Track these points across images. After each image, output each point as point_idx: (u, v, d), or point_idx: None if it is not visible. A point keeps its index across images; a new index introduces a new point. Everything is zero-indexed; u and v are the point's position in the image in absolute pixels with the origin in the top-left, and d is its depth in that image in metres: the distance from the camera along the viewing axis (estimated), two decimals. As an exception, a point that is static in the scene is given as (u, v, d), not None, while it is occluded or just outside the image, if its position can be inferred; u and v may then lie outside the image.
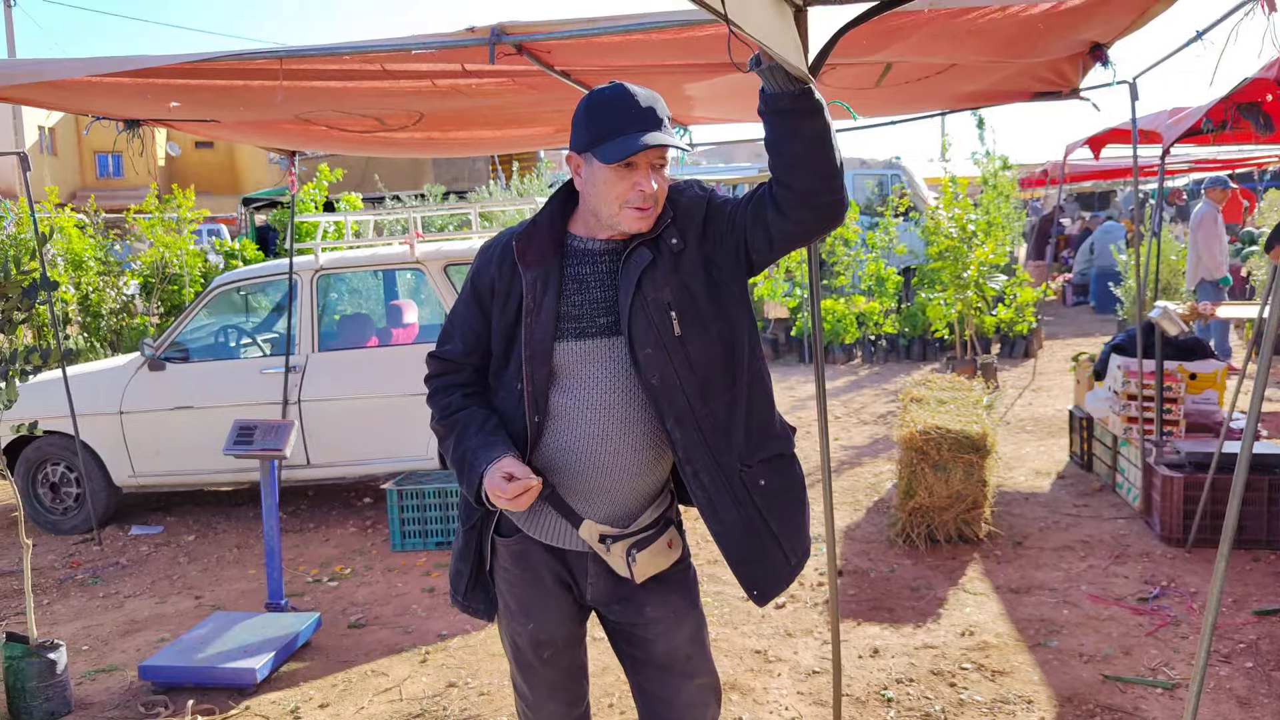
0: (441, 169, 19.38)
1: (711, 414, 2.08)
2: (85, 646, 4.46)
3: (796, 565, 2.22)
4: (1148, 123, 6.68)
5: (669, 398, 2.04)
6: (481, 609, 2.28)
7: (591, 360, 2.08)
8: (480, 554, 2.23)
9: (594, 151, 1.99)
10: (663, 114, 2.02)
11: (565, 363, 2.08)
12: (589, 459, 2.08)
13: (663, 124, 2.00)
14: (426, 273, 6.12)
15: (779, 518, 2.16)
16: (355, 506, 6.55)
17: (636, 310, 2.04)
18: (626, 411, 2.08)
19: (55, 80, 3.64)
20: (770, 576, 2.17)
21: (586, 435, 2.08)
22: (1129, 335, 6.05)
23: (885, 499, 5.96)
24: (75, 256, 10.13)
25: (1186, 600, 4.30)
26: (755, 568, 2.15)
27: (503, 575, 2.22)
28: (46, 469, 6.23)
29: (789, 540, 2.18)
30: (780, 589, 2.19)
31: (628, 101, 1.99)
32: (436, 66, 3.71)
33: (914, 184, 13.82)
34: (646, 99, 2.01)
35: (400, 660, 4.14)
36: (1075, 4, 3.03)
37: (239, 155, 35.98)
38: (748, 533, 2.13)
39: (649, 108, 2.00)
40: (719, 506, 2.10)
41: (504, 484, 1.99)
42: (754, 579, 2.16)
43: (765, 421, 2.19)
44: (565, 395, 2.08)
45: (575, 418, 2.08)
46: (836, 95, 1.94)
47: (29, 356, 3.56)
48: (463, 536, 2.25)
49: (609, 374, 2.08)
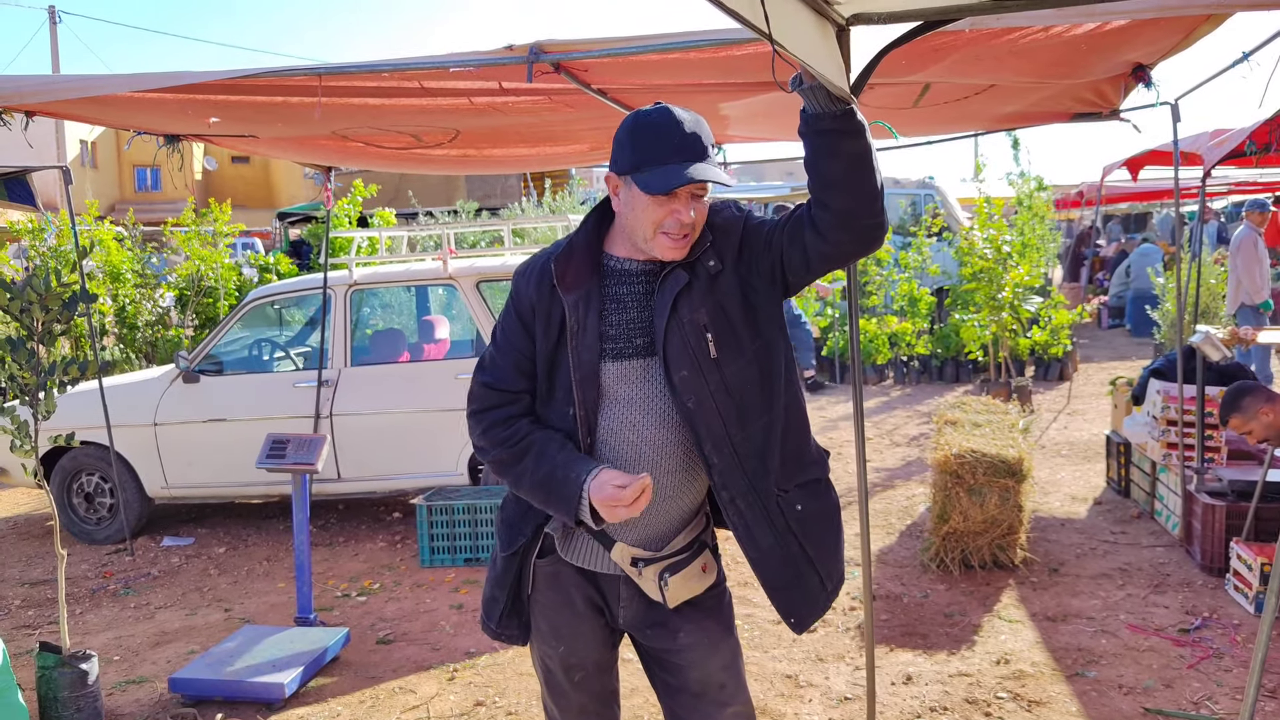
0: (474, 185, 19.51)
1: (748, 439, 2.05)
2: (116, 657, 4.48)
3: (833, 591, 2.19)
4: (1188, 144, 6.59)
5: (705, 421, 2.01)
6: (516, 634, 2.24)
7: (628, 381, 2.05)
8: (520, 580, 2.19)
9: (635, 178, 1.96)
10: (707, 141, 1.98)
11: (609, 383, 2.06)
12: None
13: (707, 153, 1.97)
14: (459, 288, 6.14)
15: (815, 543, 2.13)
16: (384, 521, 6.55)
17: (672, 332, 2.01)
18: (661, 433, 2.05)
19: (99, 96, 3.68)
20: (807, 603, 2.13)
21: (620, 456, 2.05)
22: (1168, 360, 5.95)
23: (918, 523, 5.89)
24: (113, 269, 10.28)
25: (1230, 632, 4.20)
26: (792, 594, 2.12)
27: (535, 597, 2.20)
28: (81, 479, 6.29)
29: (825, 566, 2.15)
30: (817, 616, 2.16)
31: (672, 129, 1.95)
32: (474, 84, 3.72)
33: (948, 204, 13.73)
34: (692, 125, 1.98)
35: (428, 677, 4.12)
36: (1120, 24, 2.99)
37: (274, 170, 36.40)
38: (785, 559, 2.09)
39: (694, 135, 1.96)
40: (756, 533, 2.07)
41: (619, 492, 1.89)
42: (791, 606, 2.12)
43: (801, 446, 2.16)
44: (603, 416, 2.06)
45: (610, 439, 2.06)
46: (874, 115, 1.92)
47: (68, 368, 3.59)
48: (502, 563, 2.21)
49: (644, 395, 2.05)
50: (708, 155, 1.97)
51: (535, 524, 2.15)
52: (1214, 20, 2.99)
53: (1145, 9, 2.71)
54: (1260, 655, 2.22)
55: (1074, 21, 2.90)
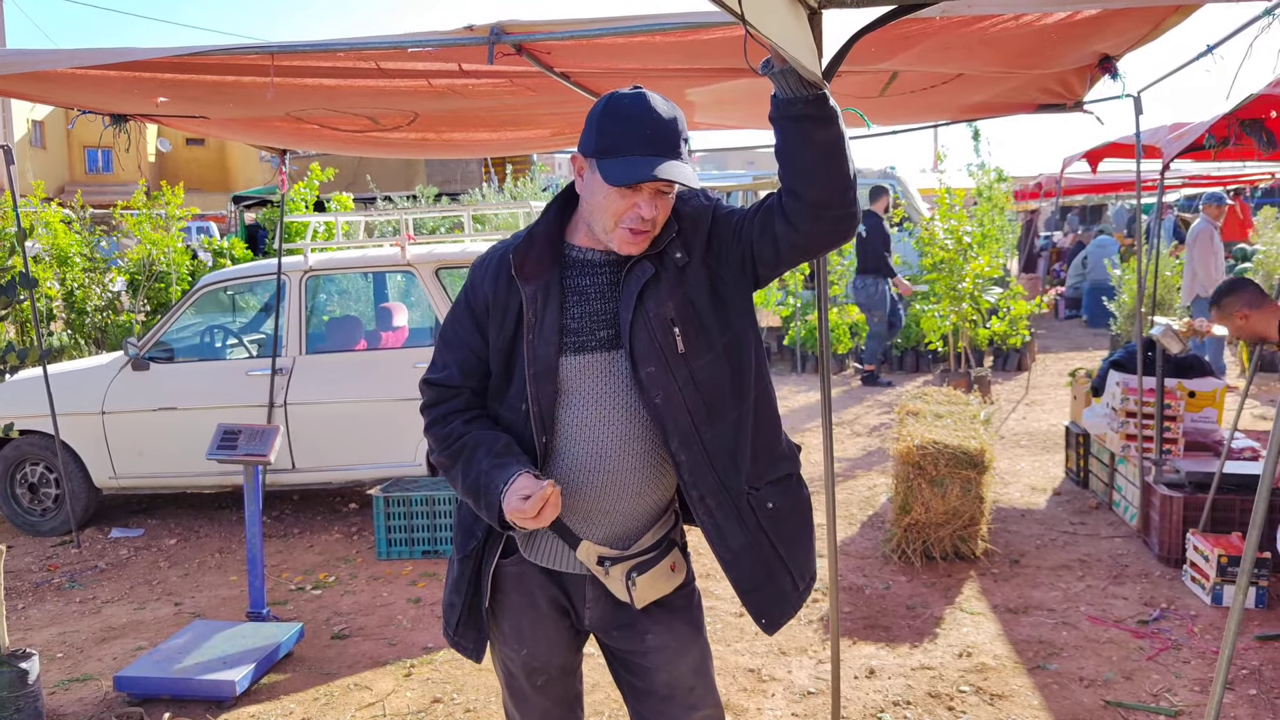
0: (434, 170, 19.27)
1: (717, 435, 1.98)
2: (60, 654, 4.34)
3: (805, 591, 2.14)
4: (1148, 137, 6.62)
5: (674, 418, 1.94)
6: (470, 648, 2.15)
7: (590, 375, 1.98)
8: (477, 586, 2.11)
9: (599, 164, 1.89)
10: (682, 135, 1.91)
11: (567, 377, 1.98)
12: (586, 477, 1.99)
13: (679, 148, 1.89)
14: (418, 275, 6.02)
15: (787, 542, 2.08)
16: (341, 512, 6.43)
17: (639, 326, 1.94)
18: (626, 428, 1.98)
19: (39, 71, 3.53)
20: (780, 604, 2.08)
21: (584, 453, 1.98)
22: (1128, 351, 5.99)
23: (880, 513, 5.89)
24: (60, 252, 9.99)
25: (1187, 623, 4.23)
26: (765, 596, 2.06)
27: (497, 599, 2.12)
28: (25, 469, 6.10)
29: (797, 565, 2.10)
30: (789, 616, 2.11)
31: (645, 118, 1.88)
32: (433, 66, 3.61)
33: (909, 194, 13.75)
34: (667, 116, 1.90)
35: (384, 673, 4.03)
36: (1091, 14, 2.96)
37: (230, 152, 35.79)
38: (757, 560, 2.04)
39: (667, 128, 1.88)
40: (727, 533, 2.01)
41: (523, 504, 1.84)
42: (763, 607, 2.07)
43: (773, 441, 2.10)
44: (565, 411, 1.99)
45: (573, 435, 1.98)
46: (842, 103, 1.86)
47: (6, 357, 3.45)
48: (457, 567, 2.13)
49: (609, 389, 1.98)
50: (679, 151, 1.89)
51: (486, 526, 2.06)
52: (1183, 11, 2.97)
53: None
54: (1227, 653, 2.21)
55: (1045, 10, 2.87)
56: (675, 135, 1.90)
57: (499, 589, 2.11)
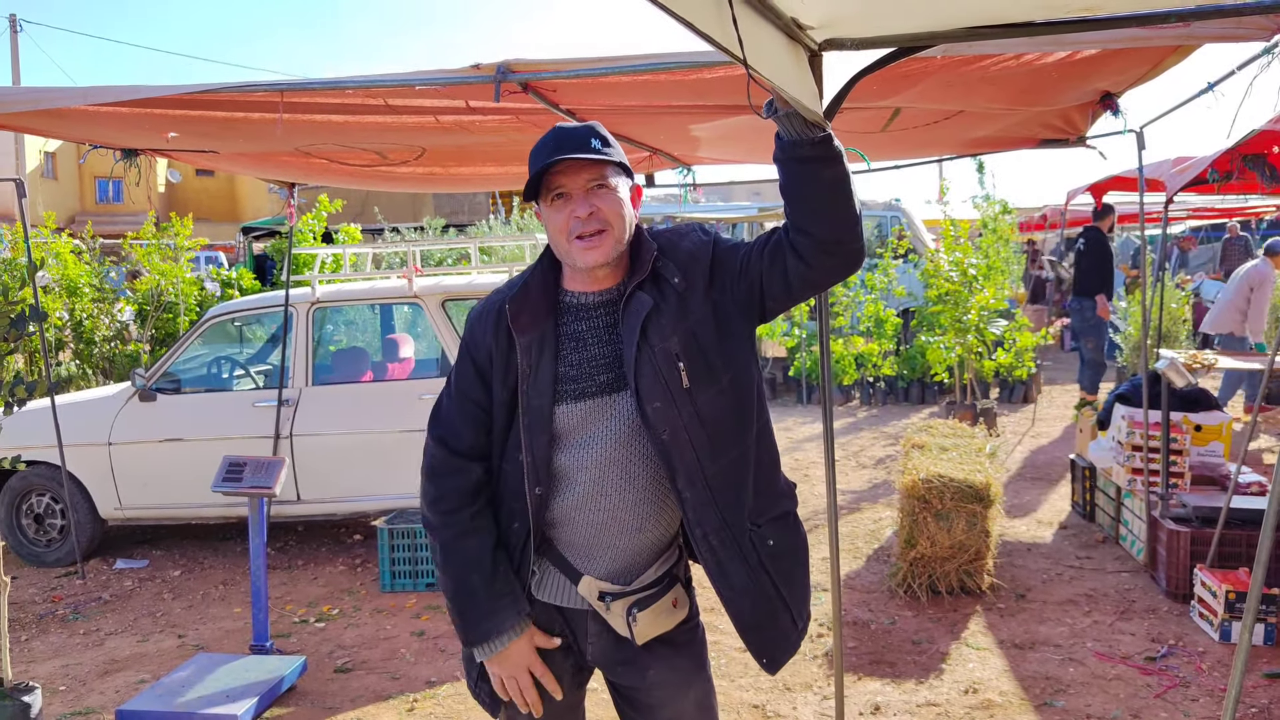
0: (441, 202, 19.40)
1: (721, 471, 1.98)
2: (62, 687, 4.33)
3: (803, 630, 2.13)
4: (1151, 171, 6.67)
5: (679, 454, 1.94)
6: (488, 701, 2.14)
7: (591, 420, 1.98)
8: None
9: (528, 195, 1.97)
10: (594, 138, 1.94)
11: (565, 426, 1.98)
12: (587, 515, 1.99)
13: (589, 144, 1.92)
14: (424, 307, 6.05)
15: (787, 580, 2.07)
16: (345, 544, 6.43)
17: (643, 362, 1.94)
18: (626, 468, 1.98)
19: (54, 109, 3.58)
20: (781, 643, 2.08)
21: (585, 492, 1.98)
22: (1133, 385, 5.99)
23: (885, 547, 5.86)
24: (70, 283, 10.06)
25: (1195, 660, 4.19)
26: (766, 634, 2.06)
27: None
28: (31, 499, 6.11)
29: (796, 604, 2.09)
30: (790, 655, 2.10)
31: (551, 137, 1.94)
32: (440, 103, 3.66)
33: (914, 226, 13.83)
34: (578, 128, 1.96)
35: (387, 708, 4.02)
36: (1090, 54, 3.00)
37: (239, 183, 36.05)
38: (759, 598, 2.03)
39: (571, 134, 1.94)
40: (730, 570, 2.01)
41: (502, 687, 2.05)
42: (764, 646, 2.06)
43: (773, 477, 2.11)
44: (565, 455, 1.99)
45: (575, 476, 1.99)
46: (844, 140, 1.88)
47: (14, 389, 3.48)
48: None
49: (610, 432, 1.98)
50: (588, 146, 1.92)
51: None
52: (1182, 51, 3.01)
53: (1116, 39, 2.71)
54: (1235, 691, 2.20)
55: (1046, 50, 2.90)
56: (582, 137, 1.93)
57: None
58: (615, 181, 1.97)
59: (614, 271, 2.01)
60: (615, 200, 1.95)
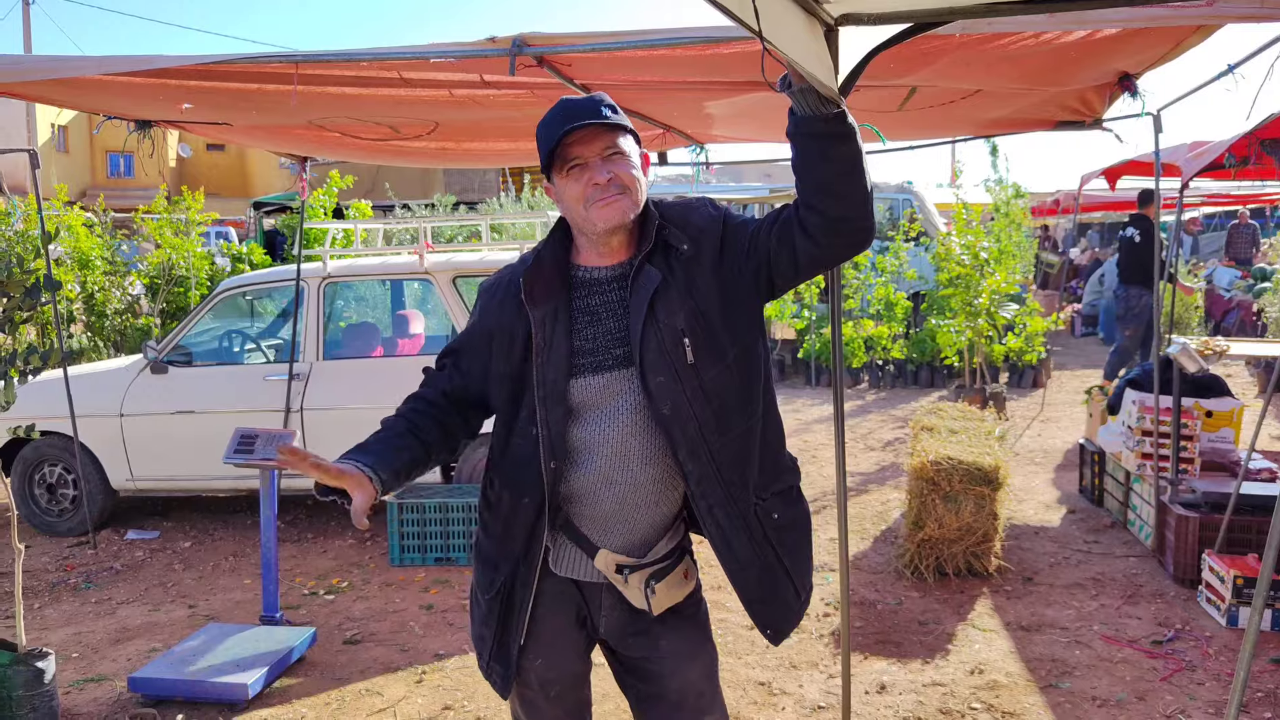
0: (452, 179, 19.38)
1: (726, 446, 1.99)
2: (75, 654, 4.37)
3: (805, 601, 2.16)
4: (1167, 155, 6.63)
5: (681, 428, 1.95)
6: (498, 682, 2.14)
7: (606, 394, 1.99)
8: (506, 623, 2.10)
9: (543, 169, 1.98)
10: (601, 104, 1.95)
11: (581, 399, 1.99)
12: (606, 489, 2.00)
13: (599, 113, 1.93)
14: (435, 284, 6.05)
15: (791, 553, 2.10)
16: (354, 518, 6.45)
17: (649, 336, 1.94)
18: (644, 440, 1.99)
19: (68, 78, 3.58)
20: (784, 615, 2.10)
21: (604, 466, 1.99)
22: (1144, 370, 5.97)
23: (892, 528, 5.87)
24: (82, 255, 10.09)
25: (1202, 644, 4.20)
26: (771, 607, 2.07)
27: (535, 614, 2.11)
28: (44, 469, 6.15)
29: (799, 576, 2.12)
30: (793, 627, 2.13)
31: (561, 109, 1.95)
32: (455, 76, 3.65)
33: (925, 209, 13.75)
34: (584, 99, 1.96)
35: (396, 679, 4.05)
36: (1110, 33, 2.97)
37: (250, 158, 36.03)
38: (764, 570, 2.05)
39: (582, 104, 1.94)
40: (735, 544, 2.02)
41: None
42: (769, 618, 2.08)
43: (778, 452, 2.12)
44: (583, 429, 2.00)
45: (593, 450, 1.99)
46: (859, 118, 1.88)
47: (29, 357, 3.49)
48: (485, 605, 2.14)
49: (626, 405, 1.99)
50: (599, 115, 1.93)
51: (513, 560, 2.07)
52: (1203, 31, 2.98)
53: (1137, 18, 2.69)
54: (1242, 675, 2.20)
55: (1066, 29, 2.88)
56: (592, 106, 1.94)
57: (540, 605, 2.11)
58: (628, 148, 1.97)
59: (626, 244, 2.02)
60: (630, 165, 1.96)
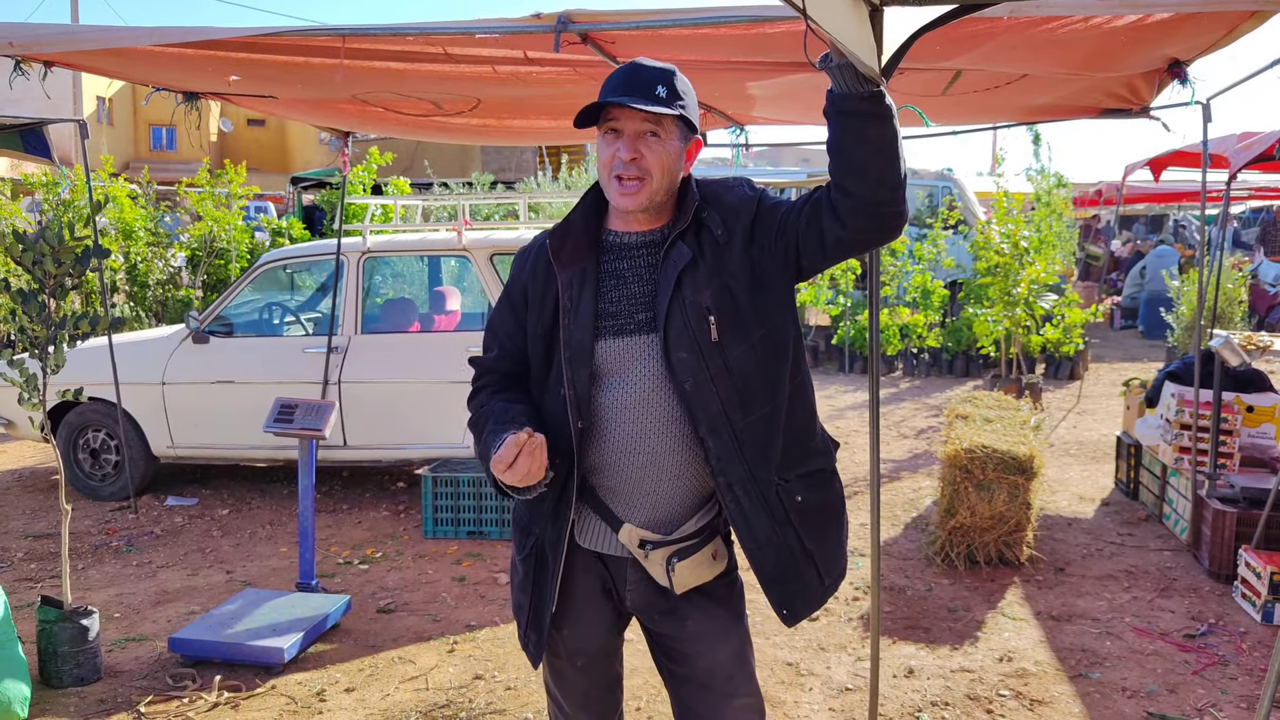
0: (489, 158, 19.43)
1: (749, 425, 1.98)
2: (117, 614, 4.48)
3: (831, 585, 2.14)
4: (1215, 146, 6.50)
5: (703, 406, 1.95)
6: (532, 651, 2.17)
7: (631, 359, 2.00)
8: (540, 587, 2.11)
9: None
10: (663, 86, 1.93)
11: (605, 362, 2.00)
12: (628, 459, 2.01)
13: (654, 90, 1.91)
14: (472, 260, 6.10)
15: (815, 537, 2.08)
16: (389, 490, 6.54)
17: (674, 311, 1.95)
18: (666, 410, 1.99)
19: (119, 48, 3.64)
20: (802, 597, 2.09)
21: (625, 435, 2.00)
22: (1184, 363, 5.90)
23: (924, 515, 5.86)
24: (126, 226, 10.25)
25: (1236, 640, 4.16)
26: (788, 588, 2.07)
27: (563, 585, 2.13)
28: (88, 435, 6.28)
29: (825, 561, 2.10)
30: (812, 610, 2.11)
31: (625, 71, 1.94)
32: (499, 52, 3.67)
33: (965, 197, 13.62)
34: (653, 71, 1.94)
35: (428, 649, 4.11)
36: (1162, 18, 2.93)
37: (290, 133, 36.31)
38: (782, 551, 2.04)
39: (647, 77, 1.92)
40: (754, 523, 2.01)
41: (499, 466, 1.85)
42: (785, 599, 2.07)
43: (806, 435, 2.10)
44: (606, 394, 2.01)
45: (615, 417, 2.00)
46: (902, 101, 1.86)
47: (78, 323, 3.57)
48: (521, 567, 2.16)
49: (648, 372, 1.99)
50: (653, 94, 1.91)
51: (543, 521, 2.10)
52: (1259, 16, 2.93)
53: (1190, 2, 2.65)
54: (1276, 670, 2.18)
55: (1116, 13, 2.84)
56: (651, 80, 1.92)
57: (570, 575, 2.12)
58: (670, 133, 1.96)
59: (656, 215, 2.03)
60: (662, 152, 1.95)
